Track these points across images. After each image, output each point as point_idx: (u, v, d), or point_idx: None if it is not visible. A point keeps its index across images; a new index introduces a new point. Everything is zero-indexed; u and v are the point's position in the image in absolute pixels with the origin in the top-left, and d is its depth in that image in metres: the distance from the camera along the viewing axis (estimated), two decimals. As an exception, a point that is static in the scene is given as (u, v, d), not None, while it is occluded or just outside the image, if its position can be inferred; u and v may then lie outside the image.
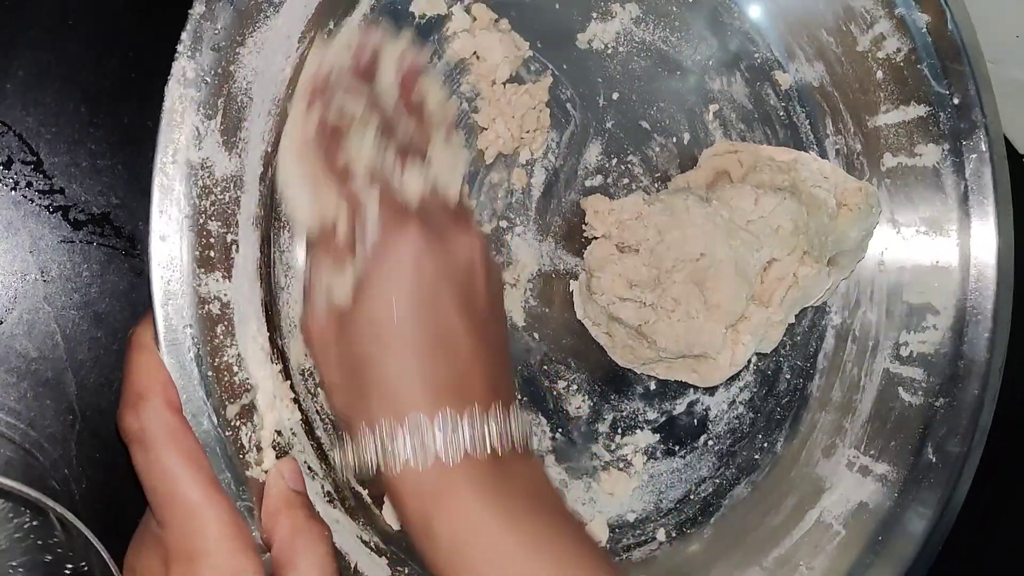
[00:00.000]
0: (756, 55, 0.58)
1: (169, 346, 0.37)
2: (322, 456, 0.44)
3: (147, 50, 0.47)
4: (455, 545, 0.38)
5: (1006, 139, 0.58)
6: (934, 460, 0.56)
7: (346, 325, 0.40)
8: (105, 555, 0.41)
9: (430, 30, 0.49)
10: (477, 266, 0.42)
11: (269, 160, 0.42)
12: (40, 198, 0.46)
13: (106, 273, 0.47)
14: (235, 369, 0.39)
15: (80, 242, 0.46)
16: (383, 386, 0.39)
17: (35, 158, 0.45)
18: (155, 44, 0.46)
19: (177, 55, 0.37)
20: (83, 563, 0.42)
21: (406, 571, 0.46)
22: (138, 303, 0.47)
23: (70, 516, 0.40)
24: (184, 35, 0.37)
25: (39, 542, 0.42)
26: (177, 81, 0.37)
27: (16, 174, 0.45)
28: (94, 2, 0.46)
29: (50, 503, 0.40)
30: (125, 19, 0.47)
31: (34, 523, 0.42)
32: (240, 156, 0.40)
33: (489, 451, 0.39)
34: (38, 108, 0.45)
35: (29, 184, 0.45)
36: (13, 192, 0.45)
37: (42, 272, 0.46)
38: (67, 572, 0.42)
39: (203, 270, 0.38)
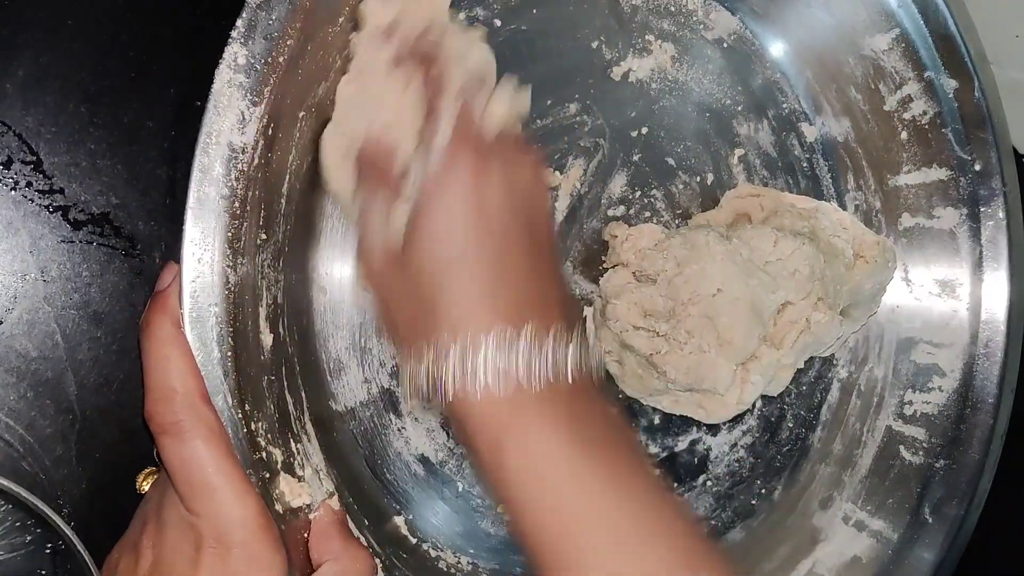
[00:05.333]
0: (784, 105, 0.59)
1: (193, 322, 0.37)
2: (326, 451, 0.44)
3: (147, 50, 0.47)
4: (527, 475, 0.38)
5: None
6: (930, 521, 0.56)
7: (410, 250, 0.39)
8: (89, 562, 0.41)
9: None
10: (537, 188, 0.42)
11: (306, 152, 0.43)
12: (40, 198, 0.46)
13: (106, 273, 0.47)
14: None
15: (80, 242, 0.46)
16: (455, 307, 0.39)
17: (35, 158, 0.46)
18: (155, 44, 0.47)
19: (230, 40, 0.38)
20: (68, 565, 0.42)
21: (395, 574, 0.46)
22: (138, 303, 0.48)
23: (57, 519, 0.41)
24: (239, 22, 0.38)
25: (26, 538, 0.43)
26: (228, 66, 0.38)
27: (16, 174, 0.45)
28: (94, 2, 0.47)
29: (40, 504, 0.41)
30: (125, 19, 0.47)
31: (28, 522, 0.43)
32: (282, 145, 0.40)
33: (567, 378, 0.39)
34: (38, 108, 0.46)
35: (29, 184, 0.45)
36: (13, 192, 0.45)
37: (42, 272, 0.46)
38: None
39: (233, 252, 0.38)
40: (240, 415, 0.38)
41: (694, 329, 0.50)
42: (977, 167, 0.57)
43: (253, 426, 0.39)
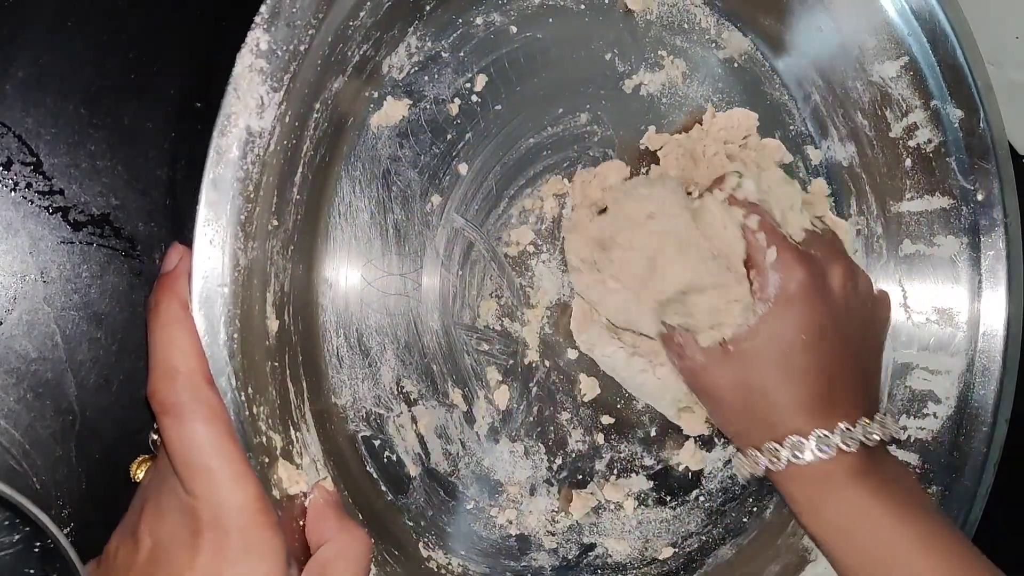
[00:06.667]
0: (791, 127, 0.60)
1: (202, 302, 0.37)
2: (324, 442, 0.44)
3: (147, 50, 0.48)
4: (841, 526, 0.48)
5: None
6: (921, 546, 0.56)
7: (741, 357, 0.49)
8: (76, 561, 0.41)
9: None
10: (868, 294, 0.54)
11: (320, 144, 0.43)
12: (40, 199, 0.46)
13: (106, 274, 0.47)
14: (260, 338, 0.40)
15: (80, 243, 0.46)
16: (779, 407, 0.49)
17: (35, 159, 0.46)
18: (155, 44, 0.47)
19: (253, 26, 0.38)
20: (57, 564, 0.42)
21: (387, 570, 0.46)
22: (138, 303, 0.48)
23: (43, 516, 0.41)
24: (263, 8, 0.39)
25: (14, 537, 0.42)
26: (250, 50, 0.38)
27: (16, 175, 0.45)
28: (94, 2, 0.47)
29: (24, 501, 0.40)
30: (125, 19, 0.47)
31: (16, 521, 0.42)
32: (297, 134, 0.41)
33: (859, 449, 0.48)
34: (38, 109, 0.46)
35: (29, 185, 0.45)
36: (13, 193, 0.45)
37: (42, 273, 0.46)
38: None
39: (244, 235, 0.38)
40: (243, 397, 0.38)
41: (621, 262, 0.50)
42: (979, 197, 0.57)
43: (255, 410, 0.39)
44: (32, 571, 0.42)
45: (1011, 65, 0.60)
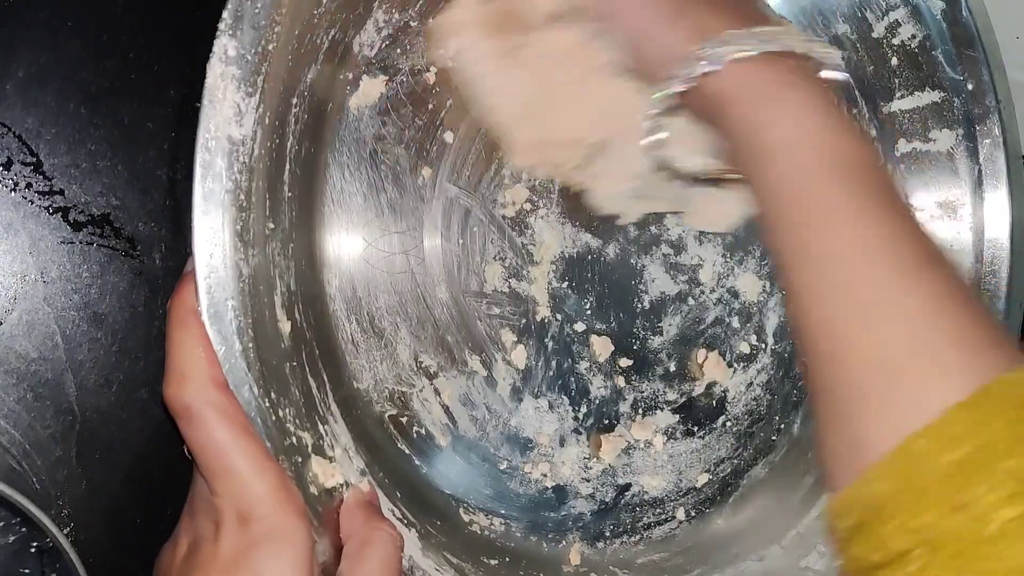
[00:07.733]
0: (773, 42, 0.59)
1: (212, 318, 0.37)
2: (353, 429, 0.45)
3: (147, 50, 0.47)
4: (785, 144, 0.40)
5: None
6: (949, 440, 0.57)
7: None
8: (76, 560, 0.42)
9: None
10: None
11: (303, 137, 0.43)
12: (40, 199, 0.46)
13: (106, 274, 0.47)
14: (275, 342, 0.40)
15: (80, 243, 0.46)
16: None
17: (35, 159, 0.46)
18: (155, 44, 0.47)
19: (219, 33, 0.38)
20: (57, 564, 0.43)
21: (432, 541, 0.47)
22: (138, 304, 0.48)
23: (42, 516, 0.41)
24: (225, 14, 0.38)
25: (10, 538, 0.43)
26: (219, 59, 0.38)
27: (16, 175, 0.45)
28: (94, 2, 0.46)
29: (24, 501, 0.41)
30: (125, 19, 0.47)
31: (13, 521, 0.43)
32: (280, 133, 0.40)
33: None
34: (38, 109, 0.45)
35: (29, 185, 0.45)
36: (13, 193, 0.45)
37: (42, 273, 0.46)
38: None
39: (243, 244, 0.39)
40: (267, 404, 0.38)
41: None
42: (970, 86, 0.57)
43: (280, 413, 0.39)
44: (32, 571, 0.43)
45: (1012, 65, 0.59)
